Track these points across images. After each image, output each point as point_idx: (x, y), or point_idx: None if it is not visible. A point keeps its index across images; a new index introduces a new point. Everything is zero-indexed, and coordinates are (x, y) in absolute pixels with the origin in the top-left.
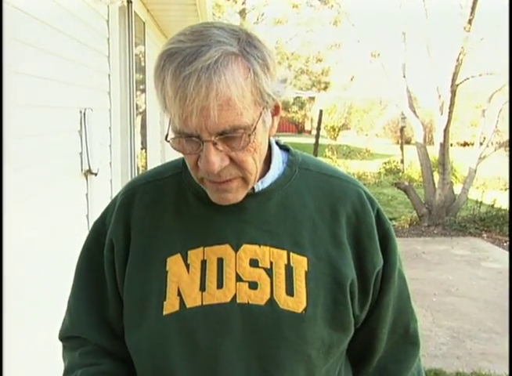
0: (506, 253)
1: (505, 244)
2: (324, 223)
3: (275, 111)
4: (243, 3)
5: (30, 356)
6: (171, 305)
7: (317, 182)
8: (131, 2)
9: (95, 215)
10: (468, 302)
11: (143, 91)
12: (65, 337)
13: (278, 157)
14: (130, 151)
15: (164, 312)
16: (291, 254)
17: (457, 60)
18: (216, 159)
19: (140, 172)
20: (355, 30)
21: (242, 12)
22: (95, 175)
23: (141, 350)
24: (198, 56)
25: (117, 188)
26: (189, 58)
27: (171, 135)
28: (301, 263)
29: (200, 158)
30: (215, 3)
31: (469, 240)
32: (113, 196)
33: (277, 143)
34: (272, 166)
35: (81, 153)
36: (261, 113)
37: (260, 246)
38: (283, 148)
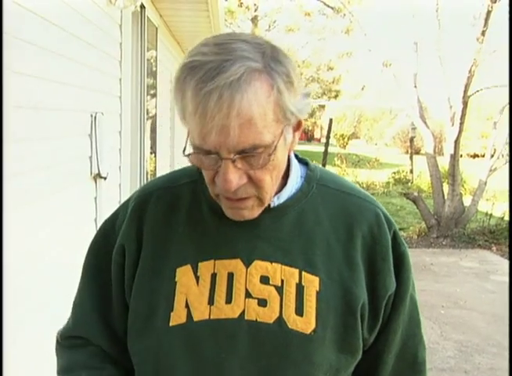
0: None
1: None
2: (339, 243)
3: (297, 127)
4: (256, 10)
5: (32, 359)
6: (177, 317)
7: (334, 199)
8: (144, 7)
9: (104, 219)
10: (477, 316)
11: (154, 96)
12: (66, 336)
13: (296, 171)
14: (139, 156)
15: (171, 323)
16: (303, 273)
17: (469, 72)
18: (234, 177)
19: (149, 177)
20: (367, 39)
21: (254, 19)
22: (105, 179)
23: (145, 359)
24: (220, 71)
25: (126, 192)
26: (211, 73)
27: (189, 150)
28: (312, 283)
29: (217, 174)
30: (228, 9)
31: (478, 252)
32: (122, 200)
33: (296, 156)
34: (290, 181)
35: (90, 157)
36: (282, 131)
37: (272, 263)
38: (302, 161)
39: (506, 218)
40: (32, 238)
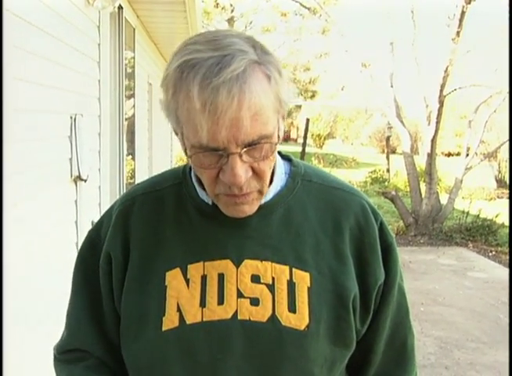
0: (492, 263)
1: (490, 254)
2: (327, 237)
3: (283, 117)
4: (232, 11)
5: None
6: (170, 321)
7: (320, 194)
8: (121, 8)
9: (84, 221)
10: (455, 312)
11: (132, 97)
12: (62, 351)
13: (280, 167)
14: (119, 158)
15: (163, 328)
16: (293, 269)
17: (445, 71)
18: (242, 171)
19: (127, 179)
20: (344, 39)
21: (230, 20)
22: (85, 181)
23: (139, 366)
24: (223, 66)
25: (106, 194)
26: (214, 68)
27: (189, 152)
28: (303, 279)
29: (222, 172)
30: (204, 10)
31: (455, 249)
32: (102, 202)
33: (279, 153)
34: (275, 178)
35: (70, 159)
36: (278, 121)
37: (262, 261)
38: (285, 158)
39: (482, 215)
40: (12, 242)
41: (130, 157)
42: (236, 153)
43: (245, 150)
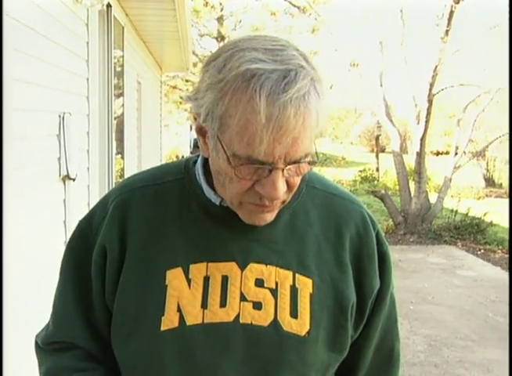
0: (480, 261)
1: (479, 253)
2: (329, 245)
3: None
4: (222, 9)
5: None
6: (169, 321)
7: (323, 201)
8: (110, 6)
9: (73, 221)
10: (444, 310)
11: (120, 95)
12: (48, 342)
13: None
14: (107, 157)
15: (162, 328)
16: (297, 275)
17: (434, 70)
18: (281, 185)
19: (116, 178)
20: (333, 38)
21: (220, 19)
22: (73, 180)
23: (134, 364)
24: (289, 81)
25: (95, 194)
26: (281, 83)
27: (227, 160)
28: (306, 285)
29: (259, 184)
30: (193, 9)
31: (444, 248)
32: (91, 202)
33: None
34: None
35: (59, 158)
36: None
37: (267, 266)
38: None
39: (471, 214)
40: (3, 242)
41: (119, 155)
42: (280, 168)
43: (289, 167)
